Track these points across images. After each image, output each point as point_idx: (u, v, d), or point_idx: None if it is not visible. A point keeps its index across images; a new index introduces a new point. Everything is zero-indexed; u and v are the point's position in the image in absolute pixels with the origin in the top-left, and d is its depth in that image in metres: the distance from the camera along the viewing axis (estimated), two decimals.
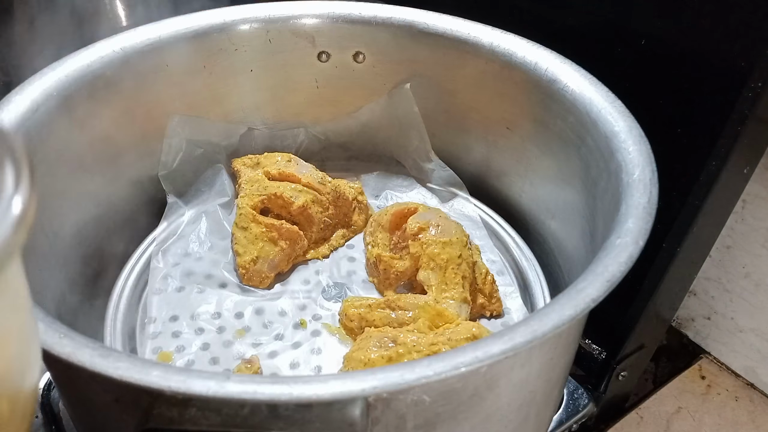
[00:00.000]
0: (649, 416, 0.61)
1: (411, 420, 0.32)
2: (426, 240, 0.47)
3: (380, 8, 0.55)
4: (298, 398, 0.27)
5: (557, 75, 0.48)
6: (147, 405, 0.28)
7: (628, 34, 0.48)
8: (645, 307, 0.51)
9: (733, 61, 0.43)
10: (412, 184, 0.60)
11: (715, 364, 0.65)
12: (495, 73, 0.52)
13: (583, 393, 0.56)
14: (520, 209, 0.56)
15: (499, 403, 0.35)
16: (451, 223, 0.49)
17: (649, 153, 0.41)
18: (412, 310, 0.44)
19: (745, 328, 0.62)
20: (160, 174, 0.54)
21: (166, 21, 0.52)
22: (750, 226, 0.57)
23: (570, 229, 0.49)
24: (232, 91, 0.57)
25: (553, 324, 0.31)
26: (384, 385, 0.28)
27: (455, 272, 0.46)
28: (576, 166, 0.47)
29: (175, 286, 0.49)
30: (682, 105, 0.47)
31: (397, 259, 0.49)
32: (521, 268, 0.53)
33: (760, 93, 0.41)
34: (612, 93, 0.45)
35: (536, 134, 0.51)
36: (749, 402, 0.62)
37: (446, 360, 0.29)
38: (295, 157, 0.54)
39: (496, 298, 0.49)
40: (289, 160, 0.54)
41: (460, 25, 0.53)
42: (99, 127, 0.49)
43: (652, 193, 0.38)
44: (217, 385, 0.28)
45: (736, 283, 0.60)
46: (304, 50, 0.56)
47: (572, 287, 0.33)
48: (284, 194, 0.50)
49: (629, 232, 0.36)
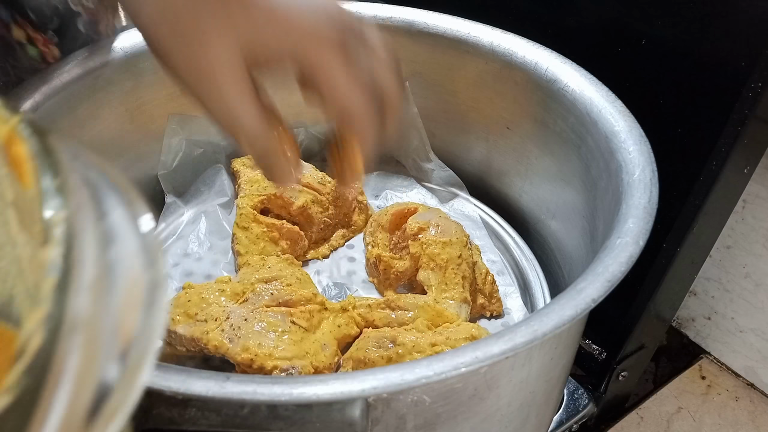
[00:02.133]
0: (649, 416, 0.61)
1: (411, 420, 0.32)
2: (426, 240, 0.47)
3: (380, 8, 0.55)
4: (298, 398, 0.27)
5: (557, 75, 0.48)
6: (147, 405, 0.28)
7: (628, 34, 0.48)
8: (645, 307, 0.51)
9: (733, 61, 0.43)
10: (412, 184, 0.60)
11: (716, 364, 0.65)
12: (495, 73, 0.52)
13: (583, 393, 0.56)
14: (520, 209, 0.56)
15: (499, 404, 0.35)
16: (451, 223, 0.49)
17: (650, 153, 0.41)
18: (412, 310, 0.44)
19: (745, 328, 0.62)
20: (159, 174, 0.54)
21: None
22: (750, 226, 0.57)
23: (570, 229, 0.49)
24: None
25: (553, 324, 0.31)
26: (384, 385, 0.28)
27: (455, 272, 0.46)
28: (576, 166, 0.47)
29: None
30: (682, 105, 0.47)
31: (397, 260, 0.49)
32: (521, 268, 0.53)
33: (760, 93, 0.41)
34: (612, 93, 0.45)
35: (536, 134, 0.51)
36: (749, 402, 0.62)
37: (446, 360, 0.29)
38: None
39: (496, 298, 0.49)
40: None
41: (460, 25, 0.53)
42: (99, 127, 0.49)
43: (653, 193, 0.38)
44: (217, 386, 0.28)
45: (736, 283, 0.60)
46: None
47: (572, 287, 0.33)
48: (284, 194, 0.50)
49: (629, 232, 0.36)
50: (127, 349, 0.13)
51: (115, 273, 0.14)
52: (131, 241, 0.15)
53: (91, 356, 0.13)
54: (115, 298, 0.14)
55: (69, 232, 0.13)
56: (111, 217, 0.15)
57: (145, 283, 0.14)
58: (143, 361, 0.13)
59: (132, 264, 0.15)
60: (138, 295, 0.14)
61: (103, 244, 0.14)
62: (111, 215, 0.15)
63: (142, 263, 0.15)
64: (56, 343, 0.12)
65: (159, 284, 0.14)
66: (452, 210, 0.57)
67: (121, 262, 0.14)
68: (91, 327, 0.13)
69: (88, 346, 0.12)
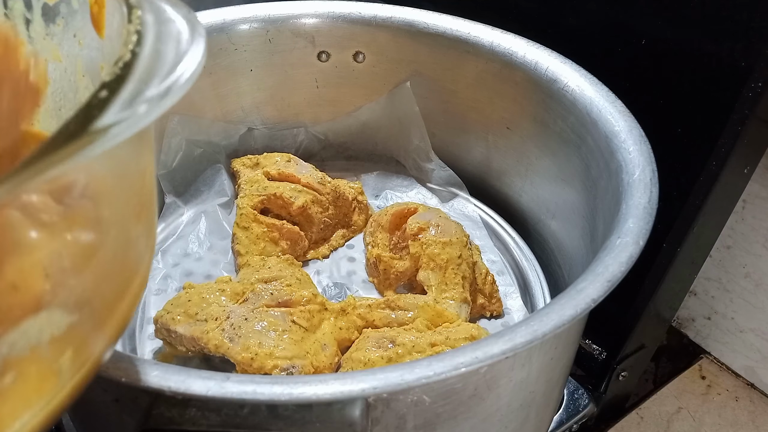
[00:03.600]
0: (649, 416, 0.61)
1: (411, 420, 0.32)
2: (426, 240, 0.47)
3: (380, 8, 0.55)
4: (298, 398, 0.27)
5: (557, 75, 0.48)
6: (147, 405, 0.28)
7: (628, 34, 0.48)
8: (645, 307, 0.51)
9: (733, 61, 0.43)
10: (412, 184, 0.60)
11: (716, 364, 0.65)
12: (495, 73, 0.52)
13: (583, 393, 0.56)
14: (520, 209, 0.56)
15: (499, 404, 0.35)
16: (451, 223, 0.49)
17: (650, 153, 0.41)
18: (412, 310, 0.44)
19: (745, 328, 0.62)
20: (159, 174, 0.54)
21: None
22: (750, 226, 0.57)
23: (570, 229, 0.49)
24: (232, 90, 0.57)
25: (553, 324, 0.31)
26: (384, 385, 0.28)
27: (455, 272, 0.46)
28: (576, 166, 0.47)
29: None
30: (682, 105, 0.47)
31: (397, 260, 0.49)
32: (521, 268, 0.53)
33: (760, 93, 0.41)
34: (612, 93, 0.45)
35: (536, 134, 0.51)
36: (749, 402, 0.62)
37: (446, 360, 0.29)
38: (294, 158, 0.54)
39: (496, 298, 0.49)
40: (289, 160, 0.54)
41: (460, 25, 0.53)
42: None
43: (653, 193, 0.38)
44: (217, 386, 0.28)
45: (736, 283, 0.60)
46: (304, 50, 0.56)
47: (572, 287, 0.33)
48: (284, 194, 0.50)
49: (629, 232, 0.36)
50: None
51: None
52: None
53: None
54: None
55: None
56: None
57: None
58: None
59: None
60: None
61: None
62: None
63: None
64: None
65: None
66: (452, 210, 0.57)
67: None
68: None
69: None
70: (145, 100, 0.19)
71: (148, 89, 0.20)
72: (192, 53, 0.22)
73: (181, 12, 0.24)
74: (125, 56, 0.21)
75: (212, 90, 0.55)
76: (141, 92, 0.19)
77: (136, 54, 0.21)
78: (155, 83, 0.20)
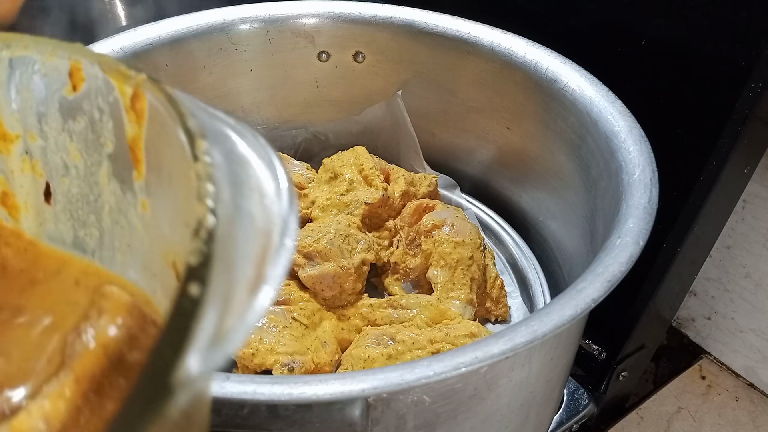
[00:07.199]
0: (649, 416, 0.61)
1: (411, 420, 0.32)
2: (439, 238, 0.47)
3: (380, 8, 0.55)
4: (298, 398, 0.27)
5: (557, 75, 0.48)
6: None
7: (628, 34, 0.48)
8: (645, 307, 0.51)
9: (733, 61, 0.43)
10: None
11: (716, 364, 0.65)
12: (495, 73, 0.52)
13: (583, 393, 0.56)
14: (520, 209, 0.56)
15: (499, 404, 0.35)
16: (467, 224, 0.48)
17: (650, 153, 0.41)
18: (415, 309, 0.44)
19: (745, 328, 0.62)
20: None
21: (166, 21, 0.52)
22: (750, 226, 0.57)
23: (570, 229, 0.49)
24: (232, 90, 0.56)
25: (553, 324, 0.31)
26: (384, 385, 0.28)
27: (464, 273, 0.46)
28: (576, 166, 0.47)
29: None
30: (682, 105, 0.47)
31: (410, 256, 0.48)
32: (521, 268, 0.53)
33: (760, 93, 0.41)
34: (612, 93, 0.45)
35: (536, 134, 0.51)
36: (749, 402, 0.62)
37: (446, 360, 0.29)
38: (287, 157, 0.54)
39: (503, 303, 0.48)
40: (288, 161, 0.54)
41: (460, 25, 0.53)
42: None
43: (653, 193, 0.38)
44: (217, 386, 0.28)
45: (736, 283, 0.60)
46: (304, 50, 0.56)
47: (572, 287, 0.33)
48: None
49: (630, 232, 0.36)
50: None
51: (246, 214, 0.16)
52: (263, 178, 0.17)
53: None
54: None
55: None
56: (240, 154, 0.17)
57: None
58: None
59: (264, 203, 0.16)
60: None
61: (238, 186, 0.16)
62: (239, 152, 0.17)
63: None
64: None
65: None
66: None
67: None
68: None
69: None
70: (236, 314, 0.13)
71: (237, 285, 0.13)
72: (287, 219, 0.15)
73: (254, 146, 0.17)
74: (204, 218, 0.14)
75: (212, 90, 0.55)
76: (232, 291, 0.13)
77: (216, 214, 0.14)
78: (242, 269, 0.14)
